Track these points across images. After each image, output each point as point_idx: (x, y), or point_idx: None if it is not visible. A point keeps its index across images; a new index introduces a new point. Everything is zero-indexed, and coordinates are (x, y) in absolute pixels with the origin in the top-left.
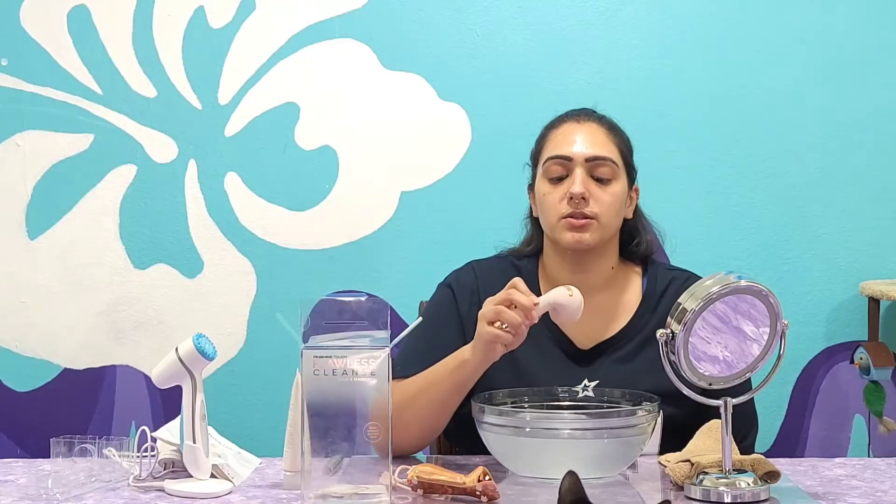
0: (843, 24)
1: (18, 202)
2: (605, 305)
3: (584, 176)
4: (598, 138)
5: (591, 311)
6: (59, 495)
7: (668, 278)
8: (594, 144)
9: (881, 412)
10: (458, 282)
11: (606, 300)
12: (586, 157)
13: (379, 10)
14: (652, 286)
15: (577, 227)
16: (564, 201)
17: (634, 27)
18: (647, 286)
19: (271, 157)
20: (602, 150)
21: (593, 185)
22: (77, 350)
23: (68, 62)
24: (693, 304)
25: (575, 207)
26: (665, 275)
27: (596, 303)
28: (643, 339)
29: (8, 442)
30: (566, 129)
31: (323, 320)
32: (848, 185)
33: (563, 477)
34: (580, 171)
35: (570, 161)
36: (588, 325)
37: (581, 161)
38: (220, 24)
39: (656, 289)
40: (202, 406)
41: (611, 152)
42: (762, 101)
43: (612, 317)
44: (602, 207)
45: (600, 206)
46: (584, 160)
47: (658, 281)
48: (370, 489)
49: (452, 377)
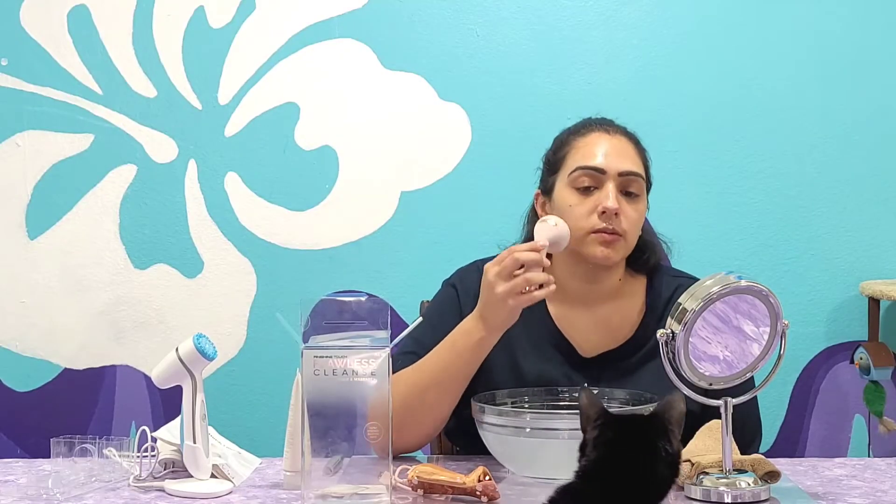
0: (843, 24)
1: (18, 202)
2: (610, 316)
3: (616, 191)
4: (628, 152)
5: (596, 322)
6: (59, 495)
7: (674, 285)
8: (626, 159)
9: (881, 412)
10: (463, 284)
11: (612, 310)
12: (620, 171)
13: (379, 10)
14: (656, 296)
15: (609, 241)
16: (594, 215)
17: (634, 27)
18: (652, 296)
19: (271, 157)
20: (634, 166)
21: (623, 201)
22: (77, 350)
23: (68, 62)
24: (693, 304)
25: (607, 222)
26: (670, 282)
27: (601, 313)
28: (648, 351)
29: (8, 442)
30: (596, 139)
31: (323, 320)
32: (848, 185)
33: (580, 393)
34: (612, 185)
35: (602, 174)
36: (592, 335)
37: (614, 175)
38: (220, 24)
39: (661, 298)
40: (202, 406)
41: (640, 168)
42: (762, 102)
43: (617, 327)
44: (630, 224)
45: (629, 222)
46: (617, 174)
47: (663, 289)
48: (370, 489)
49: (473, 356)
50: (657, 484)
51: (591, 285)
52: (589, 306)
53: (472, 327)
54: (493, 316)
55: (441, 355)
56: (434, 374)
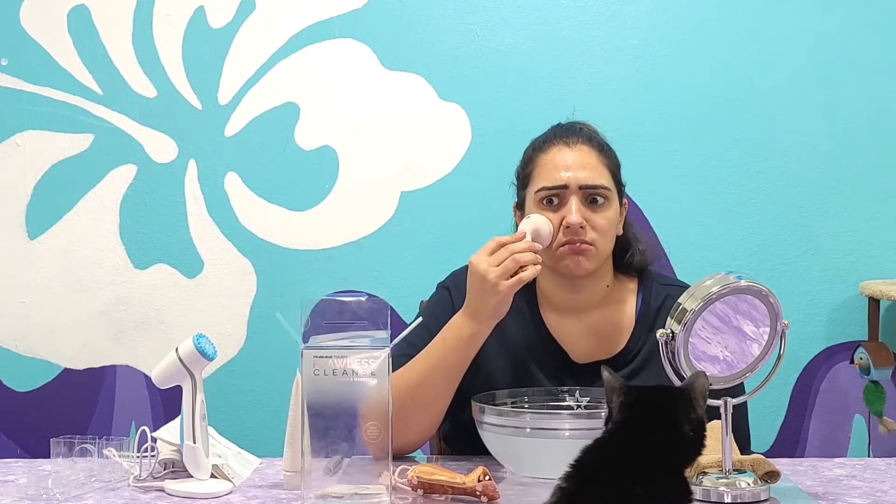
0: (843, 24)
1: (18, 202)
2: (600, 324)
3: (579, 203)
4: (590, 162)
5: (587, 329)
6: (59, 495)
7: (664, 295)
8: (587, 170)
9: (881, 412)
10: (458, 287)
11: (602, 318)
12: (580, 185)
13: (379, 10)
14: (647, 304)
15: (577, 251)
16: (560, 231)
17: (634, 27)
18: (642, 304)
19: (271, 157)
20: (596, 178)
21: (588, 211)
22: (77, 350)
23: (68, 62)
24: (693, 304)
25: (573, 236)
26: (660, 290)
27: (591, 321)
28: (639, 362)
29: (8, 442)
30: (556, 155)
31: (323, 320)
32: (848, 185)
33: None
34: (575, 199)
35: (564, 189)
36: (584, 342)
37: (575, 189)
38: (220, 24)
39: (651, 307)
40: (202, 406)
41: (604, 177)
42: (762, 102)
43: (608, 335)
44: (598, 234)
45: (597, 232)
46: (577, 188)
47: (653, 298)
48: (370, 489)
49: (465, 352)
50: (684, 447)
51: (575, 295)
52: (578, 314)
53: (463, 322)
54: (484, 306)
55: (431, 353)
56: (425, 371)
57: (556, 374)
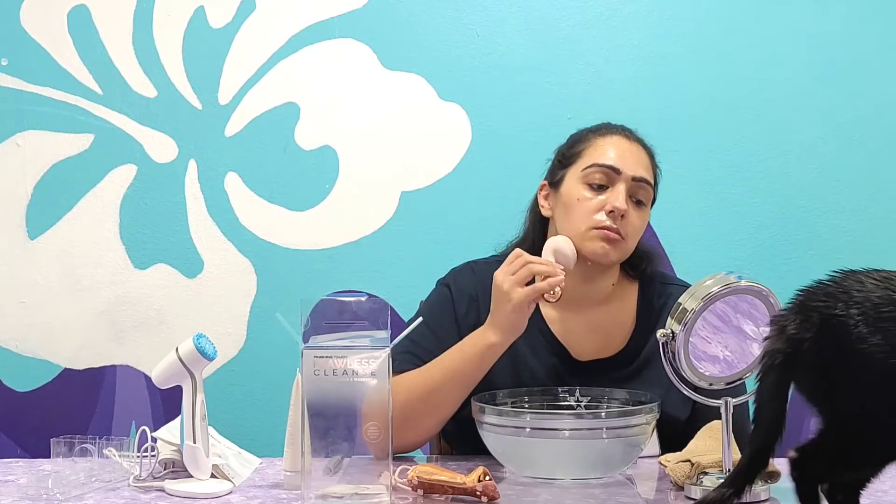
0: (843, 24)
1: (18, 202)
2: (602, 321)
3: (626, 194)
4: (644, 161)
5: (589, 326)
6: (59, 495)
7: (665, 294)
8: (641, 166)
9: None
10: (457, 284)
11: (604, 315)
12: (634, 175)
13: (379, 10)
14: (648, 303)
15: (610, 239)
16: (601, 212)
17: (634, 27)
18: (642, 304)
19: (271, 157)
20: (647, 174)
21: (630, 206)
22: (77, 350)
23: (68, 62)
24: (693, 304)
25: (613, 221)
26: (661, 290)
27: (594, 317)
28: (640, 362)
29: (8, 442)
30: (615, 141)
31: (323, 320)
32: (848, 185)
33: None
34: (624, 187)
35: (617, 174)
36: (585, 339)
37: (628, 178)
38: (220, 24)
39: (652, 307)
40: (202, 406)
41: (651, 178)
42: (762, 102)
43: (609, 333)
44: (632, 229)
45: (632, 227)
46: (630, 178)
47: (654, 298)
48: (370, 489)
49: (481, 363)
50: None
51: (586, 285)
52: (582, 310)
53: (482, 333)
54: (500, 316)
55: (447, 361)
56: (439, 378)
57: (557, 371)
